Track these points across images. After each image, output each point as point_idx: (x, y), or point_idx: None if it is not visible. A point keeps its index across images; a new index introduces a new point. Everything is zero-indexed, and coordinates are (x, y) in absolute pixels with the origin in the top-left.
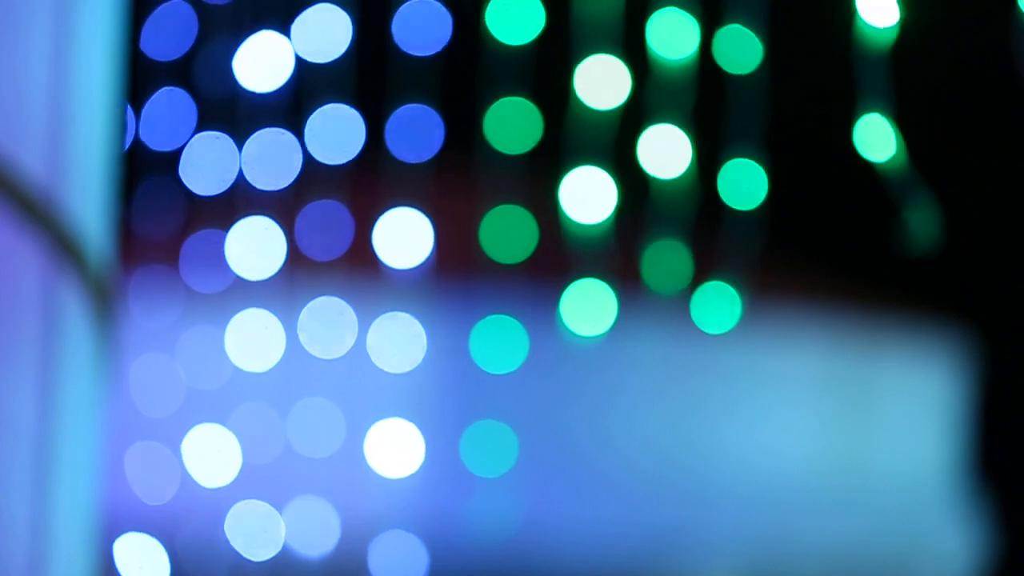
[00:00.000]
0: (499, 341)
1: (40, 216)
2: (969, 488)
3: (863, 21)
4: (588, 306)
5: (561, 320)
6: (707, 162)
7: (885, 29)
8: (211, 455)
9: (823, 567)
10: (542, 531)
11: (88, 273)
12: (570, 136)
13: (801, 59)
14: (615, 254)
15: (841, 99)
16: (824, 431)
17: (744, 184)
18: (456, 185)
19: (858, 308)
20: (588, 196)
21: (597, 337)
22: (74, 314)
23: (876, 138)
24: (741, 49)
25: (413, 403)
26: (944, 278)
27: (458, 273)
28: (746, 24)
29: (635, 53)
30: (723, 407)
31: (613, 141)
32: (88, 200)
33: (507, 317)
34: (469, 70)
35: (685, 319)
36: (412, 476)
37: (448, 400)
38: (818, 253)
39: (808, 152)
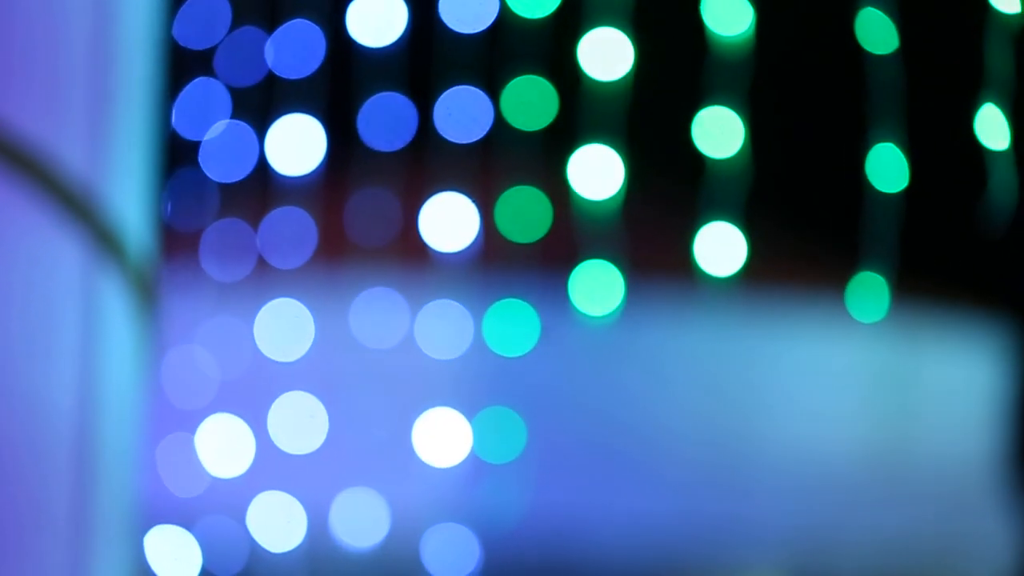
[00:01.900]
0: (513, 324)
1: (81, 209)
2: (1012, 478)
3: (993, 6)
4: (597, 287)
5: (571, 301)
6: (847, 148)
7: (1013, 15)
8: (231, 448)
9: (867, 558)
10: (573, 522)
11: (129, 266)
12: (583, 113)
13: (929, 44)
14: (652, 238)
15: (923, 84)
16: (868, 421)
17: (886, 170)
18: (473, 168)
19: (902, 298)
20: (597, 173)
21: (606, 318)
22: (115, 307)
23: (993, 126)
24: (877, 32)
25: (449, 389)
26: (987, 266)
27: (475, 257)
28: (881, 8)
29: (690, 34)
30: (763, 397)
31: (667, 121)
32: (129, 193)
33: (520, 300)
34: (490, 48)
35: (732, 309)
36: (459, 465)
37: (471, 385)
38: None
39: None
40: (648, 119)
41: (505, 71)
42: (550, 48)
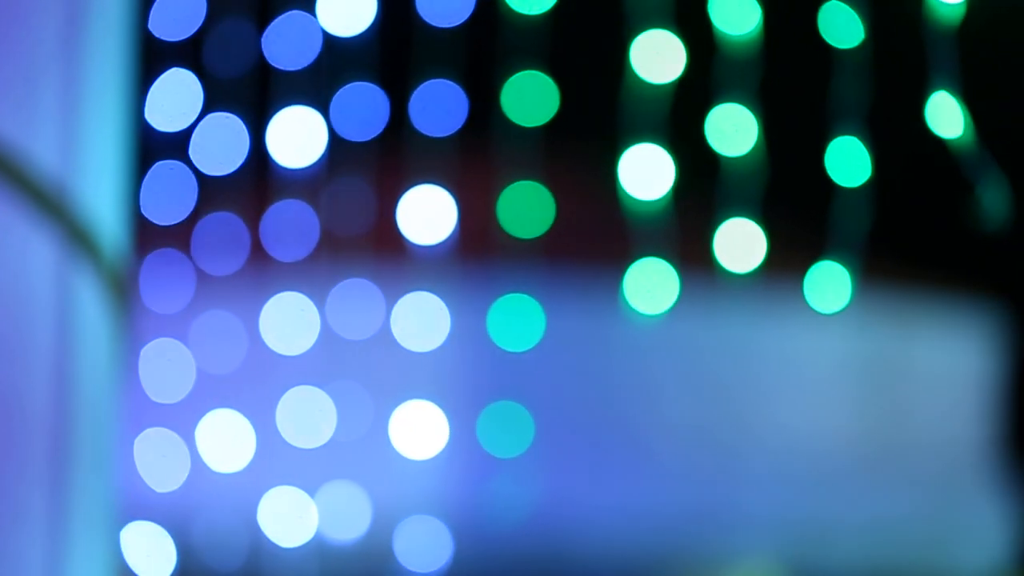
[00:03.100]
0: (517, 320)
1: (53, 207)
2: (1004, 463)
3: None
4: (649, 285)
5: (624, 299)
6: (812, 141)
7: (954, 5)
8: (228, 441)
9: (860, 545)
10: (568, 513)
11: (102, 264)
12: (626, 112)
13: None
14: (673, 232)
15: (902, 76)
16: (858, 409)
17: (848, 162)
18: (470, 161)
19: (891, 285)
20: (644, 174)
21: (658, 316)
22: (89, 305)
23: (945, 115)
24: (841, 25)
25: (435, 383)
26: (977, 253)
27: (474, 251)
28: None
29: (698, 28)
30: (756, 386)
31: (676, 118)
32: (102, 190)
33: (525, 296)
34: (485, 42)
35: (727, 298)
36: (436, 458)
37: (469, 380)
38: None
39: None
40: (687, 115)
41: (502, 65)
42: (550, 44)
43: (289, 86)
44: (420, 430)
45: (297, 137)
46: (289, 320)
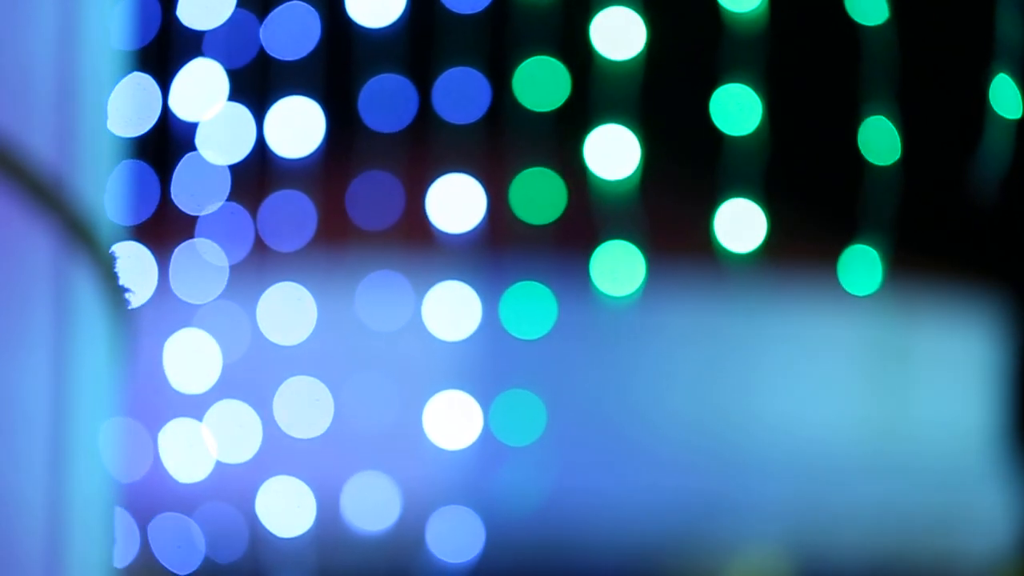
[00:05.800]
0: (529, 307)
1: (51, 199)
2: (1008, 450)
3: None
4: (617, 268)
5: (592, 282)
6: (841, 122)
7: None
8: (236, 430)
9: (862, 532)
10: (577, 500)
11: (100, 255)
12: (596, 93)
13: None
14: (650, 218)
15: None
16: (862, 397)
17: (879, 141)
18: (483, 149)
19: (895, 273)
20: (613, 154)
21: (627, 298)
22: (87, 297)
23: (1007, 98)
24: (870, 9)
25: (458, 372)
26: (981, 243)
27: (487, 239)
28: None
29: (703, 12)
30: (760, 374)
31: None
32: (99, 182)
33: (536, 283)
34: (496, 31)
35: (727, 286)
36: (467, 448)
37: (484, 368)
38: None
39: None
40: (664, 98)
41: (515, 52)
42: (562, 29)
43: (291, 76)
44: (449, 420)
45: (296, 127)
46: (289, 310)
